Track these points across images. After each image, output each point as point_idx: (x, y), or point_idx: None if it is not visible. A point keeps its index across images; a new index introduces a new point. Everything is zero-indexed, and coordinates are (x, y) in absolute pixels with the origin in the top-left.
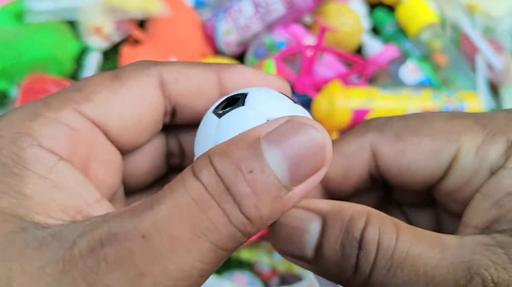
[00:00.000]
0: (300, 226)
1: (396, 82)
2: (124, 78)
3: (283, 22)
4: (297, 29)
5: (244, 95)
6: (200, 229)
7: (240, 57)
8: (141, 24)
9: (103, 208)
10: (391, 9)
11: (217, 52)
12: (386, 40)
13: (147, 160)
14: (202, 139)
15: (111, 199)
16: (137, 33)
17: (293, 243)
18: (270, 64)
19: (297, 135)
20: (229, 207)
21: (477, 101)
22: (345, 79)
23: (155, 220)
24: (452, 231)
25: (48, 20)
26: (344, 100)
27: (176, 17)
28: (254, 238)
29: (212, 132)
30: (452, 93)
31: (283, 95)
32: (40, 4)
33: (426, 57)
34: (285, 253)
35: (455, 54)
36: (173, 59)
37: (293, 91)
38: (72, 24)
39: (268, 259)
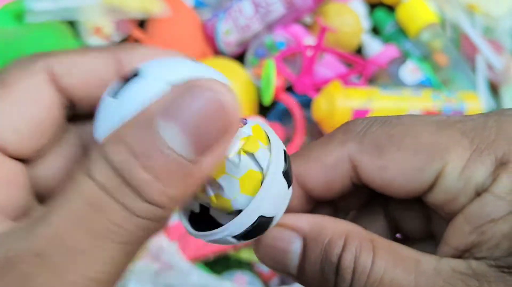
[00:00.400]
0: (282, 247)
1: (396, 82)
2: (10, 82)
3: (283, 22)
4: (297, 29)
5: (138, 69)
6: (102, 233)
7: (240, 57)
8: (141, 24)
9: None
10: (391, 9)
11: (217, 52)
12: (386, 40)
13: (58, 165)
14: (101, 128)
15: (22, 219)
16: (137, 33)
17: (277, 261)
18: (270, 64)
19: (191, 103)
20: (129, 200)
21: (477, 102)
22: (345, 79)
23: (48, 234)
24: (441, 226)
25: (48, 20)
26: (344, 100)
27: (176, 17)
28: None
29: (113, 118)
30: (452, 93)
31: (182, 57)
32: (40, 4)
33: (426, 57)
34: (272, 269)
35: (455, 54)
36: None
37: (293, 91)
38: (72, 24)
39: None
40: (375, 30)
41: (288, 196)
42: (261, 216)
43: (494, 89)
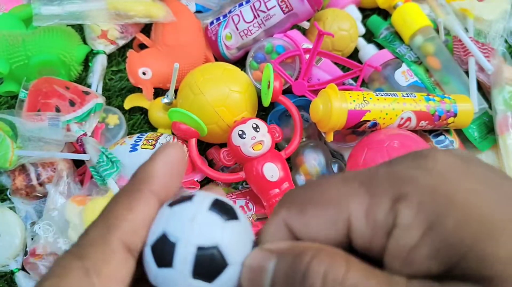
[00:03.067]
0: (260, 266)
1: (391, 85)
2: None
3: (282, 27)
4: (296, 34)
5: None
6: None
7: (240, 61)
8: (146, 28)
9: None
10: (385, 14)
11: (219, 56)
12: (381, 44)
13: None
14: (154, 227)
15: None
16: (141, 37)
17: (254, 281)
18: (270, 68)
19: None
20: None
21: (469, 103)
22: (341, 82)
23: None
24: None
25: (54, 23)
26: (340, 102)
27: (179, 22)
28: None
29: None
30: (445, 95)
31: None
32: (46, 8)
33: (420, 61)
34: None
35: (447, 57)
36: (176, 65)
37: (292, 94)
38: (79, 28)
39: None
40: (370, 35)
41: None
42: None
43: (486, 91)
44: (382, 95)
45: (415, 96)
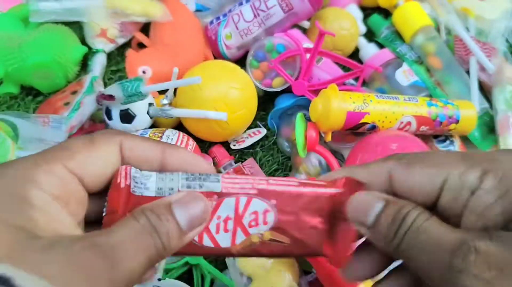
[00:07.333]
0: (370, 202)
1: (391, 85)
2: (97, 143)
3: (282, 26)
4: (296, 33)
5: None
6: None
7: (240, 61)
8: (145, 27)
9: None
10: (386, 13)
11: (219, 55)
12: (382, 43)
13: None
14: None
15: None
16: (140, 36)
17: (361, 212)
18: (301, 118)
19: (194, 203)
20: (156, 238)
21: (472, 109)
22: (342, 82)
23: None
24: None
25: (51, 20)
26: (340, 102)
27: (178, 21)
28: None
29: None
30: (448, 101)
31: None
32: (43, 4)
33: (421, 60)
34: (353, 219)
35: (449, 57)
36: (176, 70)
37: (292, 93)
38: (78, 27)
39: None
40: (371, 34)
41: None
42: None
43: (487, 91)
44: (383, 98)
45: (417, 101)
